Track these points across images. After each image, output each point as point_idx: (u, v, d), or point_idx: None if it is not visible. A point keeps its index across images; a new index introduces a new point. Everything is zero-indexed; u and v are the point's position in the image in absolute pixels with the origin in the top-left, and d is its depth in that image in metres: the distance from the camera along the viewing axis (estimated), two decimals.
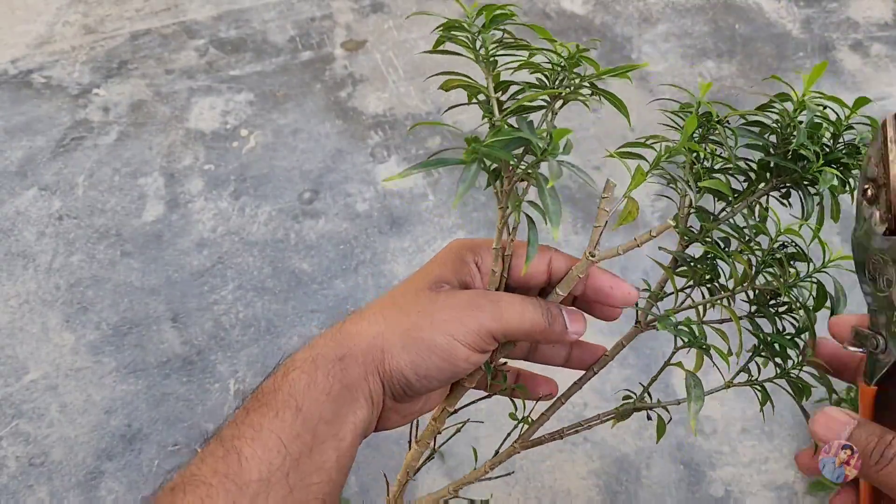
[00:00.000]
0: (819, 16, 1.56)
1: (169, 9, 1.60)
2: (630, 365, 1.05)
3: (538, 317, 0.42)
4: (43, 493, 0.95)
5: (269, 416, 0.38)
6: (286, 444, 0.37)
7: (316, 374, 0.39)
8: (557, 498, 0.95)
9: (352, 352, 0.40)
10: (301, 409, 0.38)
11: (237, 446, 0.37)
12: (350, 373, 0.40)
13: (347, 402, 0.40)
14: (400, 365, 0.40)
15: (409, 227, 1.21)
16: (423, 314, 0.41)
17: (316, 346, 0.41)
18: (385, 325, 0.41)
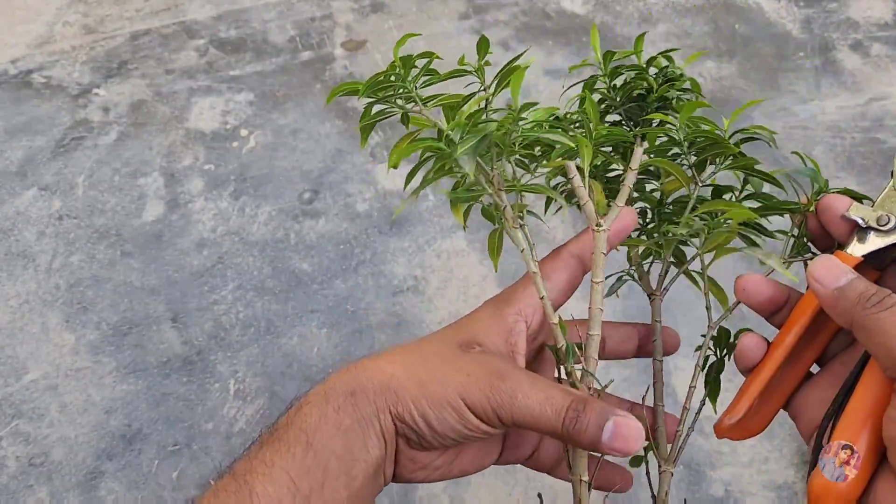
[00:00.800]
0: (819, 16, 1.56)
1: (169, 9, 1.60)
2: (630, 365, 1.05)
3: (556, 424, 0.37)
4: (43, 493, 0.95)
5: (281, 452, 0.38)
6: (296, 481, 0.37)
7: (327, 408, 0.39)
8: (558, 498, 0.95)
9: (363, 387, 0.40)
10: (311, 445, 0.38)
11: (249, 482, 0.37)
12: (361, 409, 0.39)
13: (359, 437, 0.39)
14: (412, 413, 0.39)
15: (409, 227, 1.22)
16: (440, 367, 0.40)
17: (329, 381, 0.41)
18: (402, 368, 0.41)
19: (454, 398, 0.39)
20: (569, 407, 0.38)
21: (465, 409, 0.39)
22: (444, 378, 0.39)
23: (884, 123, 1.36)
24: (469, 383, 0.39)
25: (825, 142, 1.33)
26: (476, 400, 0.38)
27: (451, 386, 0.39)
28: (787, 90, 1.41)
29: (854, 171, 1.28)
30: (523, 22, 1.57)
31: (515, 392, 0.38)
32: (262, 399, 1.03)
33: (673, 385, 1.03)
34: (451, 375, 0.39)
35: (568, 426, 0.37)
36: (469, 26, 1.55)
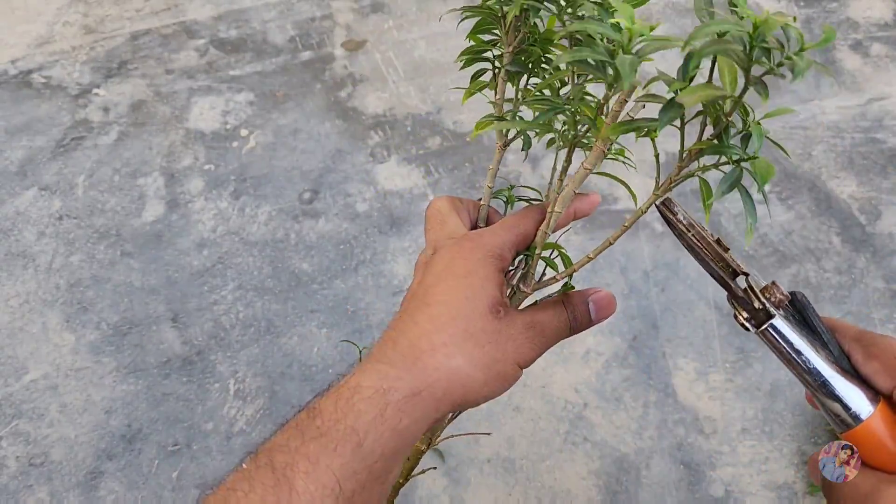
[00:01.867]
0: (819, 16, 1.56)
1: (169, 9, 1.60)
2: (630, 365, 1.05)
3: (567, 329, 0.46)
4: (43, 493, 0.95)
5: (328, 450, 0.36)
6: (341, 482, 0.36)
7: (386, 409, 0.38)
8: (557, 498, 0.95)
9: (430, 388, 0.39)
10: (362, 446, 0.37)
11: (290, 478, 0.35)
12: (421, 407, 0.39)
13: (411, 437, 0.39)
14: (477, 397, 0.41)
15: (409, 227, 1.21)
16: (494, 345, 0.42)
17: (388, 377, 0.39)
18: (463, 359, 0.41)
19: (513, 367, 0.42)
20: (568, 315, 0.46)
21: (520, 370, 0.43)
22: (501, 353, 0.42)
23: (884, 123, 1.36)
24: (518, 348, 0.43)
25: (825, 142, 1.33)
26: (528, 356, 0.43)
27: (508, 358, 0.42)
28: (787, 90, 1.41)
29: (854, 170, 1.28)
30: None
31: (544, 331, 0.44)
32: (262, 399, 1.03)
33: (673, 385, 1.03)
34: (503, 348, 0.42)
35: (573, 325, 0.46)
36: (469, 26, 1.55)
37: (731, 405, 1.02)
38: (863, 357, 0.40)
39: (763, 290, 0.41)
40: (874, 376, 0.40)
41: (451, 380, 0.40)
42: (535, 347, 0.44)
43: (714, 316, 1.09)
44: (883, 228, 1.21)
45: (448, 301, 0.42)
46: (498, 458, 0.97)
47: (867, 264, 1.16)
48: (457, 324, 0.41)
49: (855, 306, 1.11)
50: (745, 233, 0.44)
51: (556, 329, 0.45)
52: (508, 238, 0.45)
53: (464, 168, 1.30)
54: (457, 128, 1.36)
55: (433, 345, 0.40)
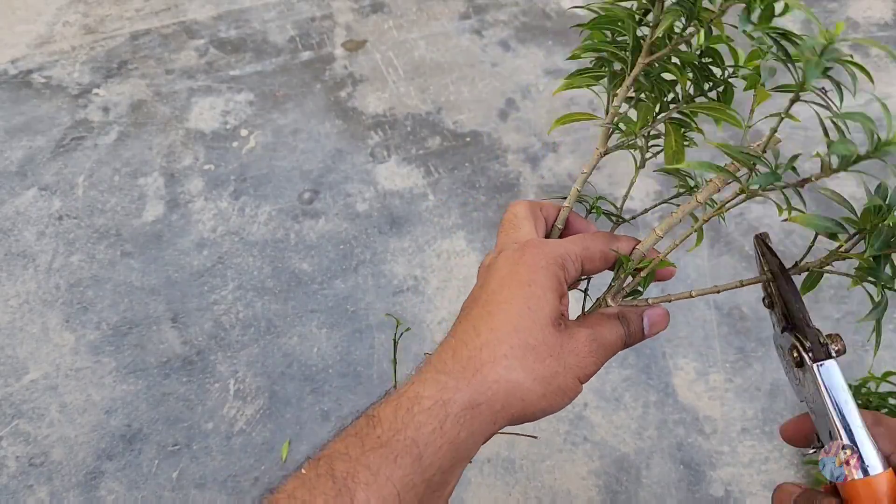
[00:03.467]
0: (819, 16, 1.56)
1: (169, 9, 1.60)
2: (630, 365, 1.05)
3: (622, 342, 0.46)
4: (43, 493, 0.95)
5: (389, 461, 0.36)
6: (401, 494, 0.36)
7: (445, 420, 0.38)
8: (557, 498, 0.95)
9: (489, 400, 0.39)
10: (422, 458, 0.37)
11: (350, 488, 0.35)
12: (480, 419, 0.39)
13: (468, 450, 0.38)
14: (536, 410, 0.41)
15: (409, 227, 1.21)
16: (555, 358, 0.42)
17: (447, 388, 0.39)
18: (522, 370, 0.40)
19: (573, 381, 0.42)
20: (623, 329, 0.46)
21: (580, 385, 0.43)
22: (562, 367, 0.42)
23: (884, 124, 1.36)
24: (580, 362, 0.42)
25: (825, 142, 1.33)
26: (589, 371, 0.43)
27: (570, 372, 0.42)
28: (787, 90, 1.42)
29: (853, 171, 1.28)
30: (523, 22, 1.57)
31: (604, 345, 0.44)
32: (262, 399, 1.03)
33: (674, 385, 1.03)
34: (565, 361, 0.42)
35: (627, 341, 0.46)
36: (469, 26, 1.55)
37: (730, 405, 1.02)
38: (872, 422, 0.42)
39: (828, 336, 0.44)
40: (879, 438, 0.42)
41: (509, 393, 0.40)
42: (596, 361, 0.43)
43: (714, 316, 1.09)
44: None
45: (509, 310, 0.42)
46: (498, 458, 0.97)
47: None
48: (518, 335, 0.41)
49: (855, 306, 1.11)
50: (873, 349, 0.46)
51: (614, 343, 0.45)
52: (573, 250, 0.45)
53: (464, 168, 1.30)
54: (457, 128, 1.36)
55: (494, 356, 0.40)
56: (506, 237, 0.47)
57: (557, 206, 0.51)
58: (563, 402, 0.42)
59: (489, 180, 1.27)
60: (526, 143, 1.33)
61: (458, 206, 1.24)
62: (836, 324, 1.09)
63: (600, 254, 0.46)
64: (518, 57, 1.49)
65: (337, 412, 1.01)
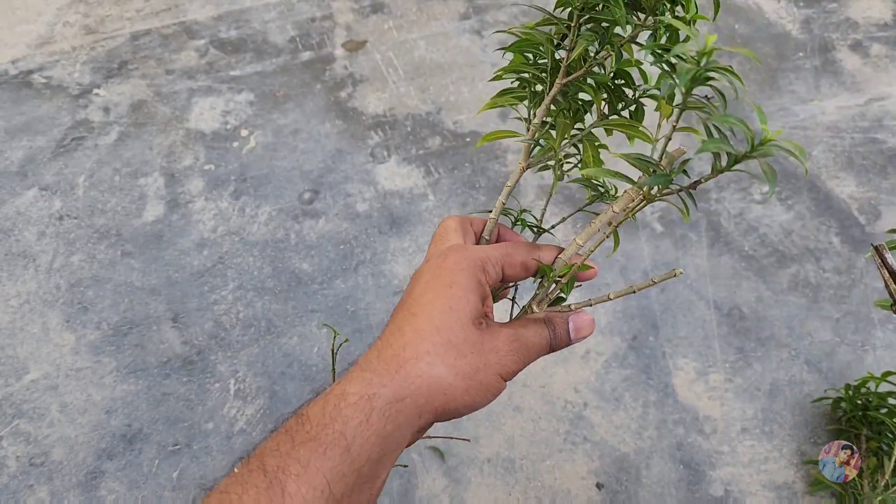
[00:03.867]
0: (819, 16, 1.56)
1: (169, 9, 1.60)
2: (630, 365, 1.05)
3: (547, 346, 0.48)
4: (43, 492, 0.95)
5: (318, 453, 0.38)
6: (331, 484, 0.37)
7: (371, 414, 0.39)
8: (557, 498, 0.95)
9: (412, 394, 0.41)
10: (350, 450, 0.38)
11: (281, 480, 0.37)
12: (405, 413, 0.40)
13: (396, 442, 0.40)
14: (459, 405, 0.42)
15: (409, 227, 1.22)
16: (476, 355, 0.43)
17: (372, 384, 0.41)
18: (444, 367, 0.42)
19: (495, 378, 0.44)
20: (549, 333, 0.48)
21: (502, 381, 0.44)
22: (483, 363, 0.43)
23: (883, 124, 1.36)
24: (501, 359, 0.44)
25: (825, 142, 1.33)
26: (510, 369, 0.45)
27: (491, 369, 0.43)
28: (787, 90, 1.42)
29: (853, 171, 1.28)
30: (523, 22, 1.57)
31: (527, 346, 0.46)
32: (263, 399, 1.03)
33: (673, 385, 1.03)
34: (486, 359, 0.43)
35: (553, 344, 0.48)
36: (469, 26, 1.55)
37: (730, 405, 1.02)
38: None
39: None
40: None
41: (432, 387, 0.41)
42: (518, 361, 0.45)
43: (714, 316, 1.09)
44: (883, 228, 1.21)
45: (432, 311, 0.44)
46: (498, 458, 0.97)
47: (867, 264, 1.16)
48: (440, 334, 0.43)
49: (855, 306, 1.11)
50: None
51: (538, 345, 0.47)
52: (494, 254, 0.47)
53: (464, 168, 1.30)
54: (457, 128, 1.36)
55: (416, 354, 0.42)
56: (434, 248, 0.49)
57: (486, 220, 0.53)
58: (487, 398, 0.44)
59: (489, 180, 1.27)
60: None
61: (458, 207, 1.24)
62: (836, 324, 1.09)
63: (521, 261, 0.48)
64: None
65: None
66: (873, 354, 1.06)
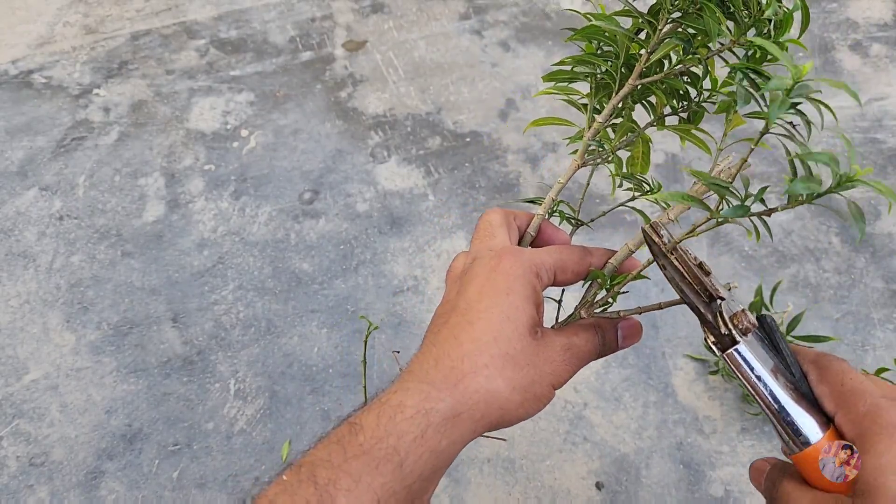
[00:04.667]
0: (818, 16, 1.56)
1: (169, 9, 1.60)
2: (630, 365, 1.05)
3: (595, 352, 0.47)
4: (43, 492, 0.95)
5: (370, 468, 0.37)
6: (381, 501, 0.36)
7: (427, 429, 0.38)
8: (557, 498, 0.95)
9: (469, 410, 0.40)
10: (402, 466, 0.37)
11: (332, 494, 0.36)
12: (460, 429, 0.40)
13: (447, 458, 0.39)
14: (512, 418, 0.42)
15: (409, 227, 1.22)
16: (532, 367, 0.43)
17: (430, 398, 0.39)
18: (502, 381, 0.41)
19: (548, 389, 0.43)
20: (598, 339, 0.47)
21: (554, 392, 0.44)
22: (539, 376, 0.43)
23: (883, 124, 1.36)
24: (555, 370, 0.44)
25: (824, 142, 1.33)
26: (563, 379, 0.44)
27: (545, 380, 0.43)
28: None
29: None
30: (523, 22, 1.57)
31: (578, 355, 0.45)
32: (263, 399, 1.03)
33: (673, 385, 1.03)
34: (541, 370, 0.43)
35: (601, 350, 0.47)
36: (469, 26, 1.55)
37: (730, 405, 1.02)
38: (816, 379, 0.42)
39: (732, 316, 0.43)
40: (822, 399, 0.42)
41: (489, 403, 0.40)
42: (570, 370, 0.45)
43: None
44: (882, 228, 1.21)
45: (490, 319, 0.42)
46: (498, 458, 0.97)
47: (866, 264, 1.16)
48: (498, 345, 0.42)
49: (854, 306, 1.11)
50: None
51: (588, 352, 0.46)
52: (548, 260, 0.46)
53: (464, 168, 1.30)
54: (457, 128, 1.36)
55: (475, 367, 0.41)
56: (480, 244, 0.48)
57: (530, 215, 0.52)
58: (538, 409, 0.43)
59: (489, 180, 1.27)
60: (526, 144, 1.34)
61: (458, 207, 1.24)
62: (836, 324, 1.09)
63: (574, 266, 0.47)
64: (518, 57, 1.49)
65: (337, 412, 1.01)
66: (873, 354, 1.06)
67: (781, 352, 0.44)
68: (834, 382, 0.41)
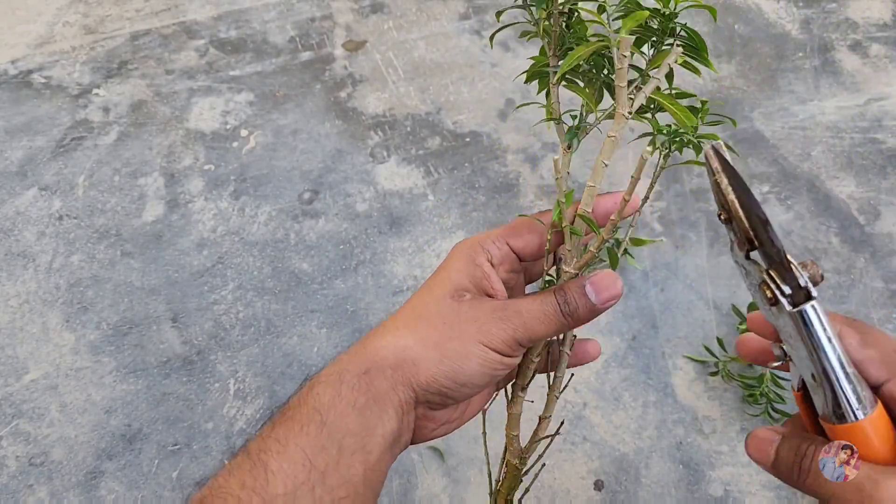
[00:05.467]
0: (818, 16, 1.56)
1: (169, 9, 1.60)
2: (630, 365, 1.05)
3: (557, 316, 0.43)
4: (43, 492, 0.95)
5: (295, 430, 0.39)
6: (311, 458, 0.37)
7: (341, 387, 0.40)
8: (557, 497, 0.95)
9: (378, 365, 0.41)
10: (326, 423, 0.39)
11: (263, 460, 0.38)
12: (377, 386, 0.40)
13: (375, 414, 0.40)
14: (437, 375, 0.41)
15: (409, 227, 1.22)
16: (449, 325, 0.42)
17: (340, 361, 0.42)
18: (412, 337, 0.42)
19: (475, 346, 0.41)
20: (557, 300, 0.43)
21: (488, 350, 0.42)
22: (458, 332, 0.41)
23: (883, 124, 1.36)
24: (482, 327, 0.42)
25: (824, 142, 1.33)
26: (495, 337, 0.42)
27: (467, 336, 0.41)
28: (786, 90, 1.42)
29: (853, 171, 1.28)
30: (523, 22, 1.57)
31: (520, 313, 0.43)
32: (262, 399, 1.03)
33: (673, 385, 1.03)
34: (462, 327, 0.42)
35: (566, 312, 0.43)
36: (469, 27, 1.55)
37: (730, 405, 1.02)
38: (859, 343, 0.39)
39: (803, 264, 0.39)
40: (868, 365, 0.39)
41: (398, 356, 0.41)
42: (506, 329, 0.42)
43: (713, 316, 1.09)
44: (882, 228, 1.21)
45: (412, 297, 0.45)
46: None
47: (866, 264, 1.16)
48: (412, 310, 0.43)
49: (854, 306, 1.11)
50: None
51: (541, 313, 0.43)
52: (495, 231, 0.46)
53: (464, 168, 1.30)
54: (457, 128, 1.36)
55: (385, 329, 0.43)
56: None
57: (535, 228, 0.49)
58: (472, 367, 0.41)
59: (489, 180, 1.28)
60: (525, 144, 1.34)
61: (458, 207, 1.24)
62: None
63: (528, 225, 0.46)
64: (518, 57, 1.49)
65: None
66: None
67: None
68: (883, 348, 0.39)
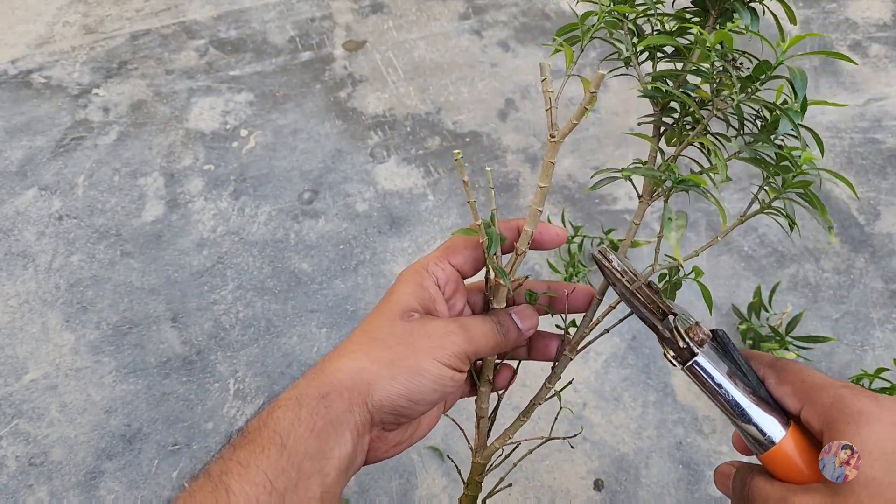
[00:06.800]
0: (818, 16, 1.56)
1: (169, 9, 1.60)
2: (629, 365, 1.05)
3: (496, 334, 0.47)
4: (43, 492, 0.95)
5: (256, 453, 0.39)
6: (272, 479, 0.38)
7: (300, 411, 0.41)
8: (557, 497, 0.95)
9: (335, 388, 0.42)
10: (286, 446, 0.39)
11: (225, 482, 0.38)
12: (334, 409, 0.41)
13: (332, 437, 0.41)
14: (391, 394, 0.43)
15: (408, 227, 1.22)
16: (402, 344, 0.44)
17: (298, 385, 0.42)
18: (367, 359, 0.43)
19: (428, 362, 0.43)
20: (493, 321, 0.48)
21: (441, 366, 0.44)
22: (412, 350, 0.43)
23: (882, 124, 1.36)
24: (434, 344, 0.44)
25: (824, 142, 1.33)
26: (447, 353, 0.44)
27: (421, 353, 0.43)
28: None
29: (853, 171, 1.29)
30: (522, 22, 1.57)
31: (468, 328, 0.46)
32: (262, 399, 1.03)
33: (672, 385, 1.03)
34: (416, 344, 0.44)
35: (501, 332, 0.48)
36: (468, 26, 1.55)
37: None
38: (775, 381, 0.45)
39: (687, 330, 0.45)
40: (784, 398, 0.44)
41: (355, 379, 0.42)
42: (457, 343, 0.45)
43: (713, 316, 1.09)
44: (881, 228, 1.21)
45: (362, 322, 0.46)
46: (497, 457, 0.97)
47: (866, 264, 1.16)
48: (366, 333, 0.45)
49: (854, 306, 1.12)
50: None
51: (484, 332, 0.47)
52: (437, 252, 0.49)
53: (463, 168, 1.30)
54: (456, 128, 1.36)
55: (340, 353, 0.44)
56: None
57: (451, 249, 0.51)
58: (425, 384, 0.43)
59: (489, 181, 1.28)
60: (525, 144, 1.34)
61: (458, 207, 1.24)
62: (836, 324, 1.10)
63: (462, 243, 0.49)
64: (518, 57, 1.49)
65: None
66: (872, 354, 1.06)
67: (736, 361, 0.46)
68: (795, 381, 0.43)
